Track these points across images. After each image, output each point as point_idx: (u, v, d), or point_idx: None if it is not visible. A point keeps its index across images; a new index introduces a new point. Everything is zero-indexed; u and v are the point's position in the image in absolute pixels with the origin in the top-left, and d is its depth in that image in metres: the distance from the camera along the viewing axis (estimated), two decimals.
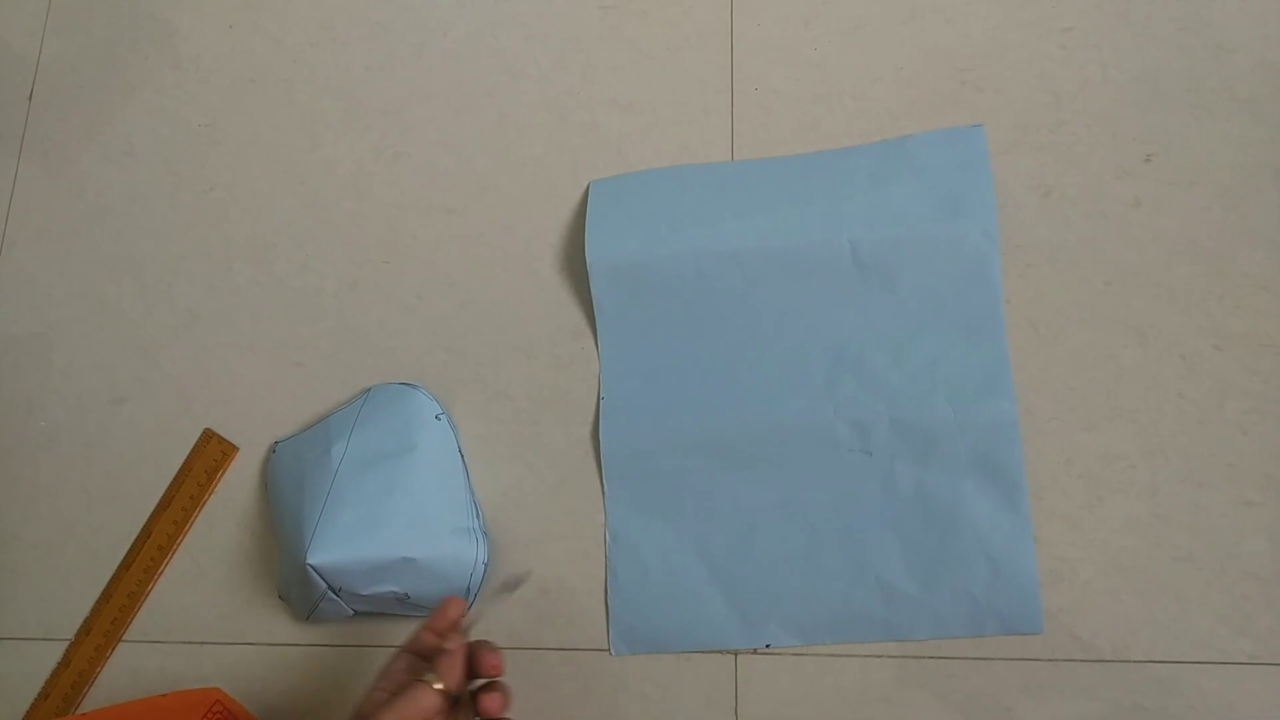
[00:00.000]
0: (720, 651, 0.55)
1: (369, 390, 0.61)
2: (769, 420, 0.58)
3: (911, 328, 0.58)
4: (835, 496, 0.56)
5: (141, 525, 0.61)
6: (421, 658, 0.47)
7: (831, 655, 0.55)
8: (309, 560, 0.53)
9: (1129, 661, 0.52)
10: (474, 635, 0.47)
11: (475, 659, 0.46)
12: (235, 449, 0.62)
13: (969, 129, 0.60)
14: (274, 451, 0.61)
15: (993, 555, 0.54)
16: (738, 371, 0.59)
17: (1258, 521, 0.53)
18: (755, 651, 0.55)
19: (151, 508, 0.62)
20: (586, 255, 0.60)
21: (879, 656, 0.54)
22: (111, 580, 0.61)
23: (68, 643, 0.60)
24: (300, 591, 0.55)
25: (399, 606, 0.56)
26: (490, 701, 0.46)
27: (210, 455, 0.62)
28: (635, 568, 0.57)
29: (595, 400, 0.60)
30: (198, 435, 0.62)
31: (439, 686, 0.44)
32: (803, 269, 0.59)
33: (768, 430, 0.57)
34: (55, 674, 0.60)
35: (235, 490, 0.62)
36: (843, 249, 0.59)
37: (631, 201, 0.62)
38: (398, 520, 0.55)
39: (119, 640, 0.60)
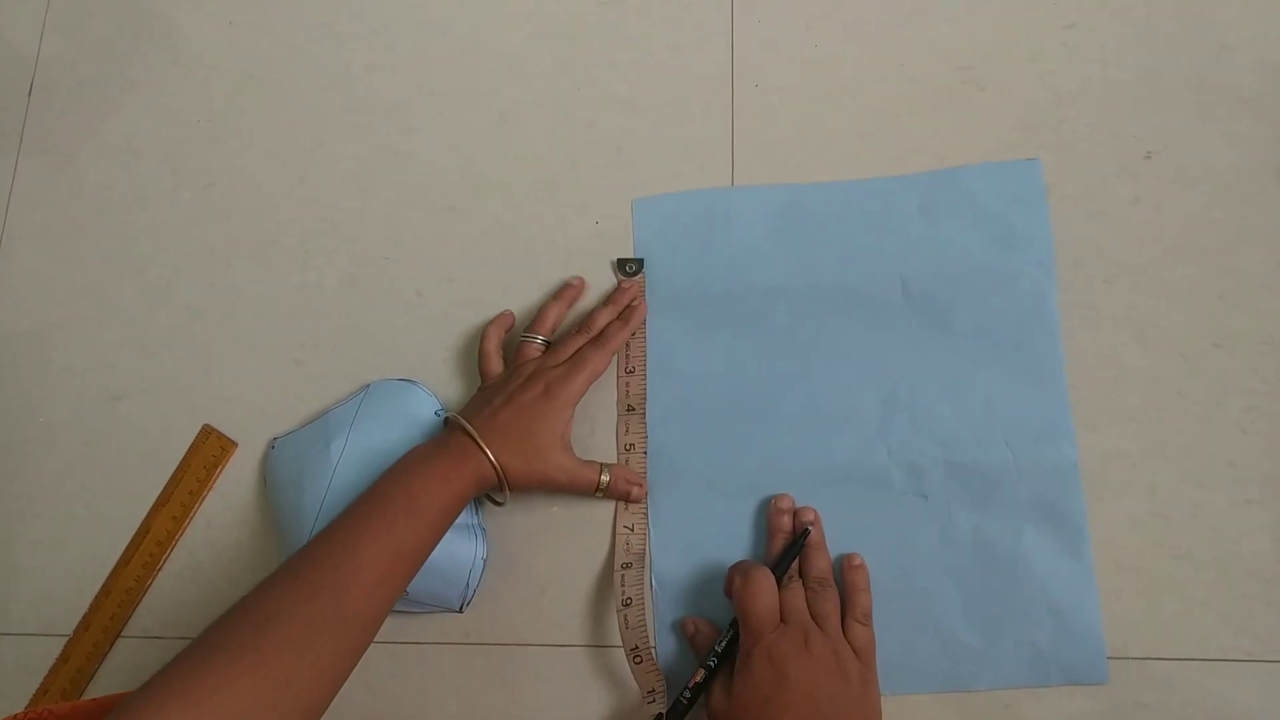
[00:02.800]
0: None
1: (369, 386, 0.61)
2: (819, 462, 0.56)
3: (967, 366, 0.56)
4: (890, 542, 0.54)
5: (140, 521, 0.61)
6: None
7: None
8: None
9: (1129, 659, 0.52)
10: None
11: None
12: (234, 445, 0.62)
13: (1025, 163, 0.59)
14: (273, 447, 0.61)
15: (1055, 604, 0.52)
16: (786, 411, 0.57)
17: (1258, 520, 0.53)
18: None
19: (150, 504, 0.61)
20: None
21: None
22: (110, 576, 0.61)
23: (66, 638, 0.60)
24: None
25: (397, 603, 0.56)
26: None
27: (209, 451, 0.62)
28: (683, 613, 0.55)
29: (594, 398, 0.59)
30: (197, 431, 0.62)
31: (540, 340, 0.58)
32: (853, 305, 0.58)
33: (818, 473, 0.56)
34: (54, 669, 0.59)
35: (234, 486, 0.61)
36: (894, 284, 0.57)
37: (676, 228, 0.61)
38: None
39: (118, 636, 0.60)
